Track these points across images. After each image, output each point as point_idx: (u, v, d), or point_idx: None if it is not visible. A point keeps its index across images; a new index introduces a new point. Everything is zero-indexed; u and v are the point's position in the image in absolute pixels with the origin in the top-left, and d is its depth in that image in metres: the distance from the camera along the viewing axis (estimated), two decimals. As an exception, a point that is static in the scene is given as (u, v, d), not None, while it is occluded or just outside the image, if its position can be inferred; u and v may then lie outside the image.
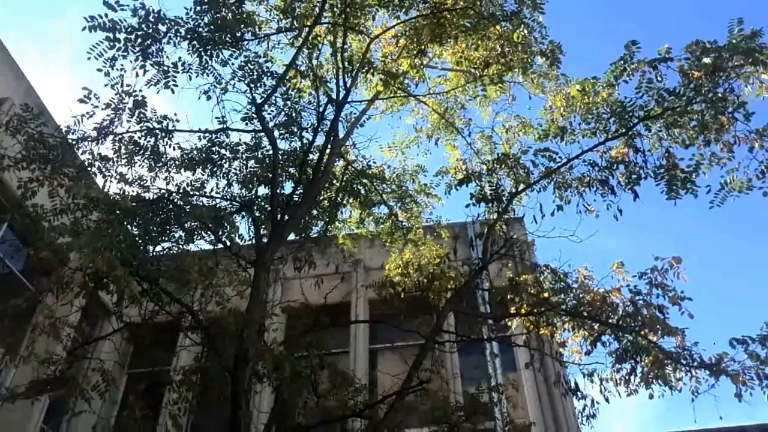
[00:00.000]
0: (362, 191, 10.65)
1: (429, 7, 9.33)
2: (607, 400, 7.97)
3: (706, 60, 7.62)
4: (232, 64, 9.09)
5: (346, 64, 9.34)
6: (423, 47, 9.50)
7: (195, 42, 8.92)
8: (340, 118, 9.41)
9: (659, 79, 7.82)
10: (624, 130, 8.07)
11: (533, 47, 9.39)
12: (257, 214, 9.11)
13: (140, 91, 8.79)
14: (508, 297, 9.02)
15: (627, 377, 7.78)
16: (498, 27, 9.20)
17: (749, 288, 32.48)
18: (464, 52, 9.96)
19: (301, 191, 9.11)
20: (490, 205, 9.01)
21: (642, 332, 7.65)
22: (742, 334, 7.33)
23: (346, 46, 9.59)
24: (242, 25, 8.98)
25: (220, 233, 8.17)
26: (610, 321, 7.95)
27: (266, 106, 9.16)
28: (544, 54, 9.33)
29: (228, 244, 8.14)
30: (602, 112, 8.26)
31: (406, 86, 10.65)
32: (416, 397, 8.49)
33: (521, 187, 8.88)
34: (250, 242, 9.37)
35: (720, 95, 7.71)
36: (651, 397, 7.72)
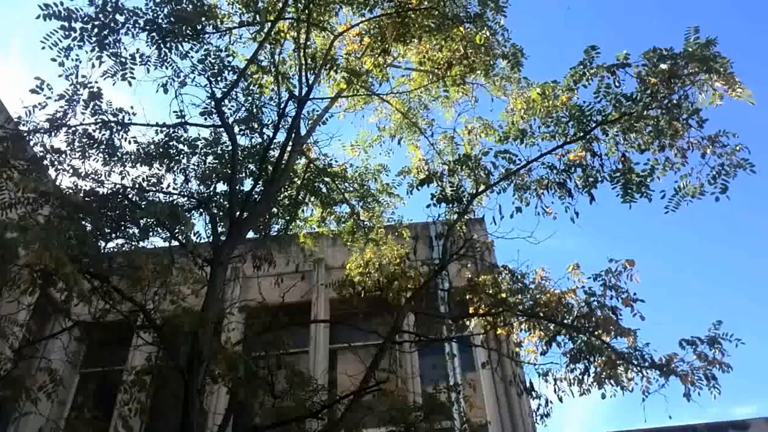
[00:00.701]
0: (324, 189, 10.58)
1: (393, 6, 9.32)
2: (561, 399, 8.09)
3: (663, 67, 7.80)
4: (192, 57, 8.92)
5: (309, 60, 9.27)
6: (387, 46, 9.47)
7: (154, 33, 8.74)
8: (302, 116, 9.33)
9: (617, 84, 7.98)
10: (582, 134, 8.20)
11: (496, 50, 9.47)
12: (215, 211, 8.94)
13: (96, 82, 8.57)
14: (467, 297, 9.09)
15: (580, 377, 7.91)
16: (461, 28, 9.25)
17: (700, 291, 33.53)
18: (428, 53, 9.97)
19: (261, 188, 8.98)
20: (450, 205, 9.05)
21: (596, 333, 7.79)
22: (691, 335, 7.55)
23: (309, 43, 9.51)
24: (203, 18, 8.81)
25: (176, 230, 7.98)
26: (565, 321, 8.08)
27: (226, 101, 9.01)
28: (506, 57, 9.42)
29: (184, 241, 7.95)
30: (561, 116, 8.37)
31: (370, 85, 10.62)
32: (374, 398, 8.47)
33: (481, 188, 8.93)
34: (207, 240, 9.19)
35: (675, 102, 7.91)
36: (603, 396, 7.87)
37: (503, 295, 8.86)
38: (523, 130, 8.74)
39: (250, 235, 9.96)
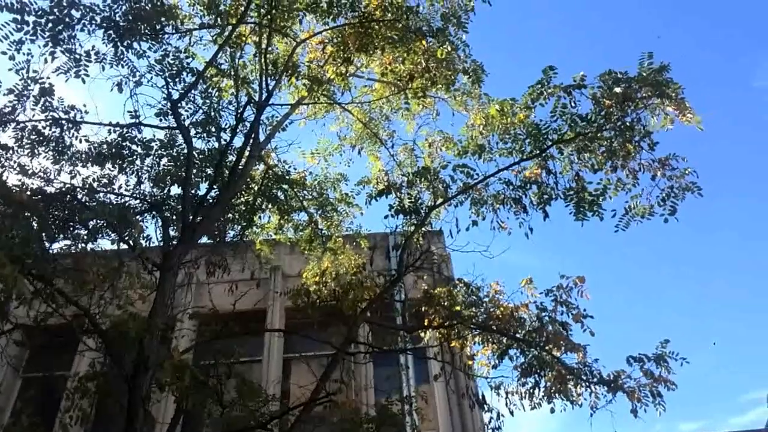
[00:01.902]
0: (282, 197, 10.47)
1: (357, 16, 9.32)
2: (512, 413, 8.13)
3: (617, 89, 7.99)
4: (149, 57, 8.76)
5: (270, 66, 9.18)
6: (350, 56, 9.46)
7: (111, 31, 8.55)
8: (261, 121, 9.22)
9: (573, 104, 8.12)
10: (538, 152, 8.33)
11: (457, 65, 9.57)
12: (167, 214, 8.75)
13: (48, 78, 8.34)
14: (423, 309, 9.09)
15: (531, 391, 7.96)
16: (424, 42, 9.31)
17: (649, 308, 34.44)
18: (390, 64, 10.00)
19: (216, 193, 8.83)
20: (408, 217, 9.07)
21: (546, 347, 7.86)
22: (638, 352, 7.68)
23: (271, 48, 9.43)
24: (162, 18, 8.66)
25: (125, 233, 7.77)
26: (518, 335, 8.14)
27: (183, 103, 8.86)
28: (467, 72, 9.52)
29: (132, 244, 7.75)
30: (519, 133, 8.48)
31: (332, 94, 10.59)
32: (325, 409, 8.37)
33: (439, 201, 8.98)
34: (159, 244, 8.98)
35: (628, 124, 8.10)
36: (552, 411, 7.93)
37: (458, 307, 8.88)
38: (481, 145, 8.84)
39: (205, 240, 9.80)
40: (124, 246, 8.18)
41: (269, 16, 8.82)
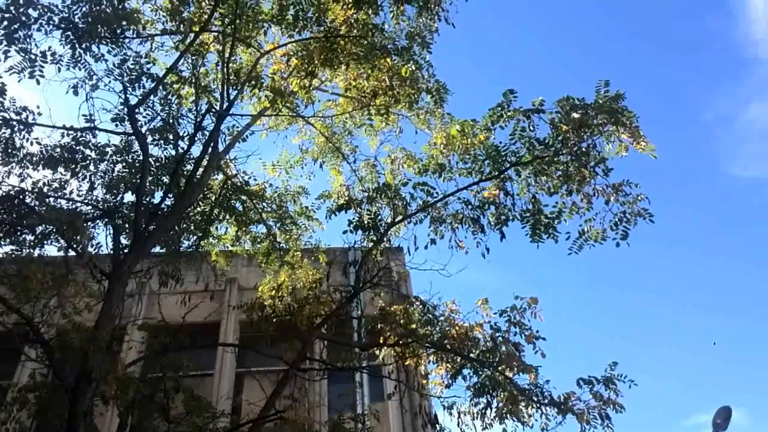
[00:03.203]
0: (240, 208, 10.31)
1: (323, 30, 9.32)
2: (463, 432, 8.12)
3: (575, 115, 8.16)
4: (108, 60, 8.57)
5: (232, 75, 9.08)
6: (314, 69, 9.44)
7: (69, 32, 8.35)
8: (221, 131, 9.10)
9: (531, 128, 8.27)
10: (497, 173, 8.43)
11: (420, 84, 9.64)
12: (120, 222, 8.51)
13: (0, 77, 8.04)
14: (379, 326, 9.03)
15: (483, 411, 7.97)
16: (389, 60, 9.37)
17: (600, 331, 35.11)
18: (355, 80, 10.03)
19: (172, 202, 8.64)
20: (367, 233, 9.03)
21: (499, 368, 7.90)
22: (588, 374, 7.78)
23: (234, 58, 9.34)
24: (123, 22, 8.49)
25: (74, 239, 7.52)
26: (472, 355, 8.15)
27: (141, 109, 8.67)
28: (430, 92, 9.62)
29: (80, 251, 7.50)
30: (478, 154, 8.58)
31: (296, 106, 10.53)
32: (276, 426, 8.22)
33: (398, 218, 8.99)
34: (110, 252, 8.72)
35: (584, 149, 8.27)
36: (504, 431, 7.96)
37: (414, 326, 8.86)
38: (442, 164, 8.91)
39: (159, 250, 9.57)
40: (72, 253, 7.92)
41: (233, 26, 8.74)
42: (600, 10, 31.90)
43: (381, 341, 8.86)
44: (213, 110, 8.86)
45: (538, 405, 7.82)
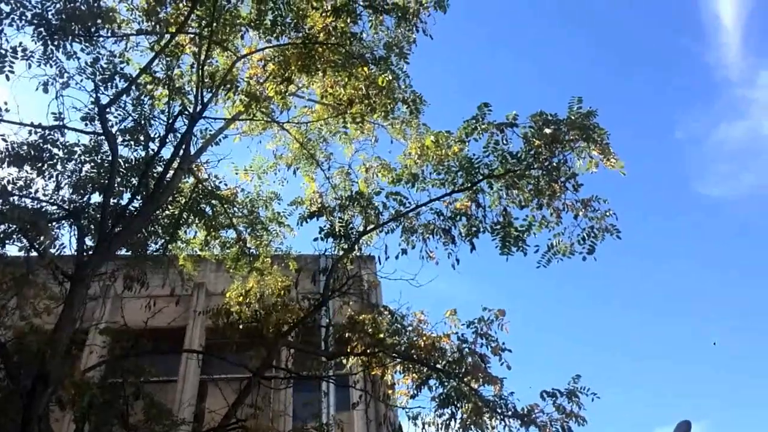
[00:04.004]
0: (210, 212, 10.19)
1: (301, 37, 9.31)
2: (428, 443, 8.09)
3: (547, 131, 8.28)
4: (80, 59, 8.43)
5: (207, 78, 9.00)
6: (291, 75, 9.40)
7: (42, 29, 8.22)
8: (194, 134, 8.99)
9: (505, 142, 8.38)
10: (469, 185, 8.51)
11: (397, 94, 9.68)
12: (85, 222, 8.33)
13: (-33, 72, 7.85)
14: (346, 335, 8.99)
15: (447, 422, 7.96)
16: (366, 69, 9.39)
17: (566, 343, 35.43)
18: (332, 87, 10.01)
19: (140, 204, 8.49)
20: (338, 241, 9.01)
21: (465, 379, 7.91)
22: (552, 387, 7.83)
23: (210, 61, 9.27)
24: (98, 20, 8.38)
25: (36, 240, 7.33)
26: (438, 366, 8.15)
27: (112, 109, 8.54)
28: (406, 102, 9.66)
29: (42, 252, 7.32)
30: (452, 165, 8.65)
31: (271, 111, 10.47)
32: (238, 434, 8.08)
33: (370, 226, 8.98)
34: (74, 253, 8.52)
35: (555, 164, 8.40)
36: (468, 442, 7.95)
37: (381, 335, 8.83)
38: (415, 174, 8.95)
39: (125, 252, 9.39)
40: (34, 253, 7.72)
41: (210, 28, 8.67)
42: (576, 27, 32.51)
43: (348, 350, 8.82)
44: (186, 112, 8.75)
45: (501, 417, 7.85)
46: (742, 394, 32.54)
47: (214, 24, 8.69)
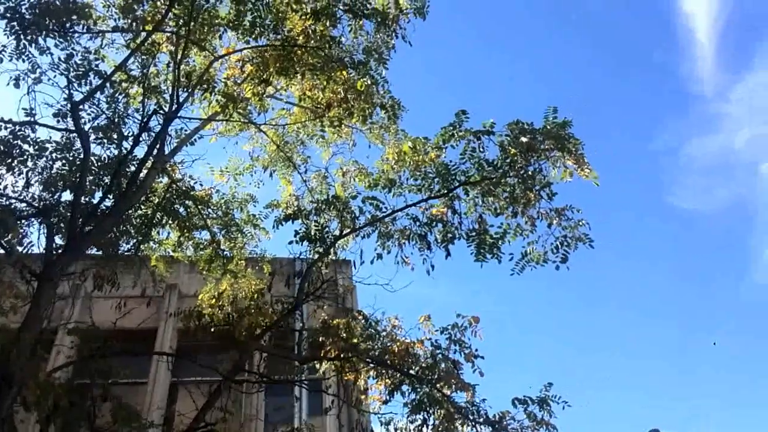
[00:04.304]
0: (183, 213, 10.06)
1: (280, 39, 9.27)
2: (399, 449, 8.08)
3: (523, 139, 8.36)
4: (54, 54, 8.30)
5: (183, 77, 8.90)
6: (269, 77, 9.35)
7: (15, 23, 8.08)
8: (168, 133, 8.89)
9: (481, 149, 8.44)
10: (445, 191, 8.55)
11: (375, 99, 9.69)
12: (55, 221, 8.17)
13: (-64, 66, 7.69)
14: (320, 339, 8.94)
15: (420, 428, 7.96)
16: (345, 73, 9.39)
17: (541, 349, 35.71)
18: (310, 90, 9.99)
19: (112, 203, 8.35)
20: (313, 244, 8.97)
21: (438, 385, 7.92)
22: (524, 394, 7.88)
23: (187, 60, 9.18)
24: (73, 16, 8.26)
25: (4, 237, 7.17)
26: (411, 372, 8.15)
27: (85, 106, 8.40)
28: (384, 107, 9.68)
29: (9, 250, 7.16)
30: (429, 172, 8.68)
31: (248, 113, 10.39)
32: (207, 438, 7.97)
33: (346, 231, 8.96)
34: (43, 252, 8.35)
35: (530, 173, 8.47)
36: (440, 449, 7.95)
37: (355, 340, 8.81)
38: (392, 179, 8.96)
39: (96, 252, 9.23)
40: (1, 251, 7.55)
41: (188, 27, 8.59)
42: (555, 36, 32.89)
43: (322, 355, 8.78)
44: (161, 111, 8.64)
45: (473, 423, 7.87)
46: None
47: (192, 23, 8.61)
